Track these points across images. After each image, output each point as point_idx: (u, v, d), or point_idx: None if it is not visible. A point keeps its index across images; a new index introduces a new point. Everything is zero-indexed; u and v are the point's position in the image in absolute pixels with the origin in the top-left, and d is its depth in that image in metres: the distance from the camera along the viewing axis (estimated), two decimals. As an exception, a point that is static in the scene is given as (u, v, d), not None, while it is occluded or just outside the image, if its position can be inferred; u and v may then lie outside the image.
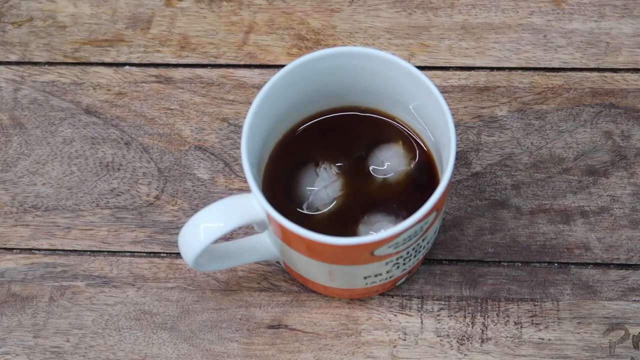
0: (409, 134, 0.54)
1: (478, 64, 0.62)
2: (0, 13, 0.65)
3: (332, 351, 0.54)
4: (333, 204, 0.52)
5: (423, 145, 0.53)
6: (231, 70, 0.62)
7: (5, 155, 0.60)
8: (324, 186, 0.52)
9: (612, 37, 0.62)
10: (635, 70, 0.61)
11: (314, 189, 0.52)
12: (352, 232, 0.51)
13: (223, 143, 0.60)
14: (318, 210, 0.52)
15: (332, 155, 0.53)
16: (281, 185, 0.52)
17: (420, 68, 0.51)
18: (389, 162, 0.52)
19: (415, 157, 0.53)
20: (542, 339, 0.54)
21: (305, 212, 0.52)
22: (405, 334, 0.54)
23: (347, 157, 0.53)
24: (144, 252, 0.57)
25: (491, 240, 0.57)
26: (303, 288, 0.56)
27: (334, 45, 0.62)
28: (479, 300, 0.55)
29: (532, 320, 0.54)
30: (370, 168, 0.53)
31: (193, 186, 0.59)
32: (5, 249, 0.58)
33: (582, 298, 0.55)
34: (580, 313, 0.54)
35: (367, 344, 0.54)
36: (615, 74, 0.61)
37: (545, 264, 0.56)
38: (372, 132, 0.54)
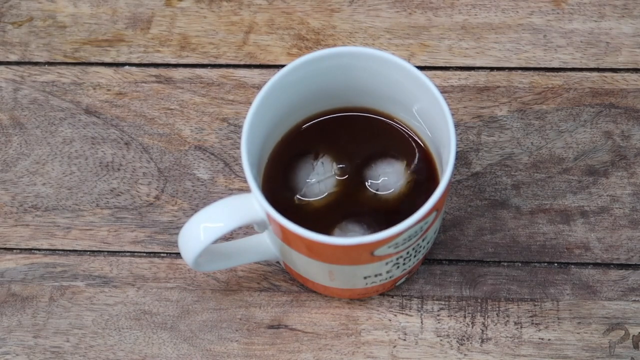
0: (408, 134, 0.54)
1: (478, 64, 0.62)
2: (0, 13, 0.65)
3: (332, 351, 0.54)
4: (323, 198, 0.52)
5: (423, 146, 0.53)
6: (231, 70, 0.62)
7: (5, 155, 0.60)
8: (318, 180, 0.52)
9: (612, 37, 0.62)
10: (635, 70, 0.61)
11: (308, 181, 0.52)
12: (328, 233, 0.50)
13: (223, 143, 0.60)
14: (309, 203, 0.52)
15: (332, 154, 0.53)
16: (279, 176, 0.52)
17: (420, 68, 0.51)
18: (386, 178, 0.52)
19: (414, 180, 0.52)
20: (542, 339, 0.54)
21: (295, 202, 0.52)
22: (405, 334, 0.54)
23: (347, 159, 0.53)
24: (144, 252, 0.57)
25: (491, 240, 0.57)
26: (303, 288, 0.56)
27: (334, 45, 0.62)
28: (479, 300, 0.55)
29: (532, 320, 0.54)
30: (367, 179, 0.52)
31: (193, 186, 0.59)
32: (5, 249, 0.58)
33: (582, 298, 0.55)
34: (580, 313, 0.54)
35: (367, 344, 0.54)
36: (615, 74, 0.61)
37: (545, 264, 0.56)
38: (372, 135, 0.54)
